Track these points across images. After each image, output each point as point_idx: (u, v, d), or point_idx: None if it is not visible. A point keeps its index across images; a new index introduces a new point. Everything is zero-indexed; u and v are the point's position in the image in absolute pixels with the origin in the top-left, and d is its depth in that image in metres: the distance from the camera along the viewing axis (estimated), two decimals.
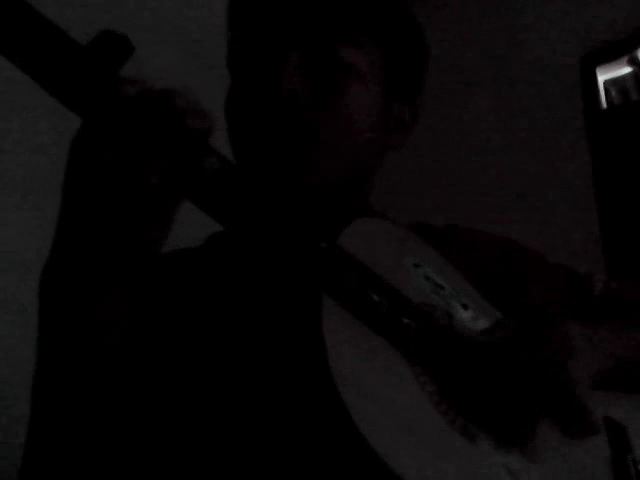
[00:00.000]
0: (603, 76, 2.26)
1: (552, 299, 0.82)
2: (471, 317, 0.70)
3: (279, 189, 0.66)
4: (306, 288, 0.61)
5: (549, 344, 0.64)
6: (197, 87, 0.57)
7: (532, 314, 0.71)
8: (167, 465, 0.66)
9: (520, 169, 2.28)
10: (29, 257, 1.30)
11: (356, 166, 0.76)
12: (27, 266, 1.29)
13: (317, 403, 0.59)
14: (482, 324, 0.70)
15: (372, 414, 0.56)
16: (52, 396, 0.59)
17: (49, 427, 0.60)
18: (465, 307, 0.71)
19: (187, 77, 0.91)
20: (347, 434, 0.54)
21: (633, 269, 1.94)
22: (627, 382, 0.72)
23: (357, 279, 0.63)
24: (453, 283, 0.73)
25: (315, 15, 0.74)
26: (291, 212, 0.60)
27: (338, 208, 0.75)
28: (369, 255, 0.65)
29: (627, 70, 2.24)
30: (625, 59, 2.23)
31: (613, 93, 2.25)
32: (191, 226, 0.73)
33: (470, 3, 2.51)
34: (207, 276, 0.76)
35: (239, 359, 0.67)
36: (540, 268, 0.85)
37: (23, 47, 0.49)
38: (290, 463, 0.62)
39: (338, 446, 0.56)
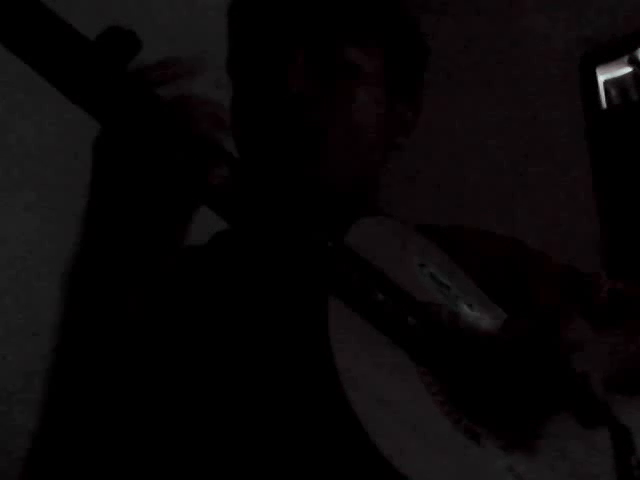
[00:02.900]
0: (603, 76, 2.26)
1: (555, 300, 0.82)
2: (477, 317, 0.70)
3: (286, 189, 0.66)
4: (312, 287, 0.61)
5: (557, 339, 0.63)
6: (198, 88, 0.57)
7: (535, 314, 0.70)
8: (167, 464, 0.65)
9: (520, 169, 2.28)
10: (29, 257, 1.30)
11: (362, 165, 0.77)
12: (27, 266, 1.29)
13: (322, 403, 0.58)
14: (487, 324, 0.70)
15: (377, 414, 0.56)
16: (66, 393, 0.59)
17: (59, 423, 0.60)
18: (471, 307, 0.71)
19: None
20: (352, 434, 0.53)
21: (633, 269, 1.94)
22: (632, 384, 0.72)
23: (363, 278, 0.63)
24: (458, 283, 0.73)
25: (318, 16, 0.75)
26: (298, 212, 0.60)
27: (344, 207, 0.75)
28: (375, 254, 0.65)
29: (627, 70, 2.24)
30: (625, 59, 2.23)
31: (613, 93, 2.25)
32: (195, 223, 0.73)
33: (470, 3, 2.51)
34: (212, 275, 0.76)
35: (244, 359, 0.67)
36: (544, 269, 0.85)
37: (31, 41, 0.49)
38: (295, 463, 0.62)
39: (343, 446, 0.56)
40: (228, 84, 0.81)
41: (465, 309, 0.70)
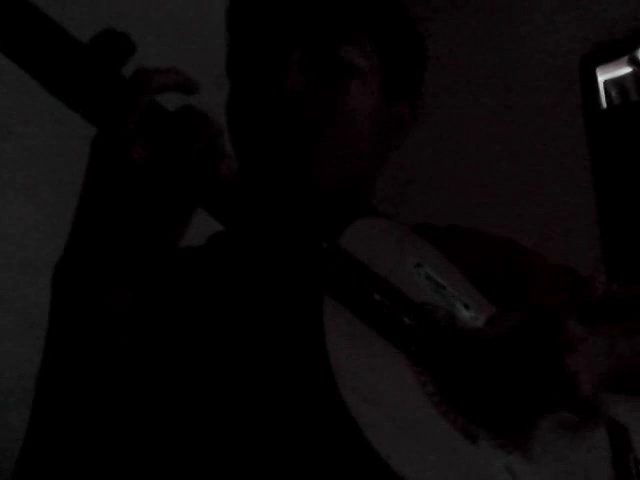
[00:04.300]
0: (603, 76, 2.25)
1: (552, 300, 0.81)
2: (473, 317, 0.70)
3: (282, 189, 0.66)
4: (307, 288, 0.61)
5: (551, 341, 0.63)
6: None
7: (532, 313, 0.70)
8: (165, 465, 0.66)
9: (520, 169, 2.27)
10: (30, 257, 1.30)
11: (358, 165, 0.77)
12: (28, 266, 1.29)
13: (319, 404, 0.58)
14: (483, 324, 0.70)
15: (374, 415, 0.56)
16: (56, 391, 0.59)
17: (50, 423, 0.60)
18: (467, 307, 0.71)
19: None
20: (349, 435, 0.54)
21: (633, 269, 1.94)
22: (629, 383, 0.72)
23: (358, 279, 0.63)
24: (455, 283, 0.73)
25: (315, 15, 0.75)
26: (293, 212, 0.60)
27: (340, 208, 0.75)
28: (370, 255, 0.65)
29: (627, 70, 2.24)
30: (625, 59, 2.23)
31: (613, 93, 2.25)
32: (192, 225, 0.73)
33: (470, 3, 2.51)
34: (209, 276, 0.77)
35: (240, 360, 0.67)
36: (541, 269, 0.85)
37: (25, 45, 0.49)
38: (292, 465, 0.62)
39: (340, 448, 0.56)
40: (228, 85, 0.81)
41: (461, 309, 0.70)
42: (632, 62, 2.22)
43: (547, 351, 0.63)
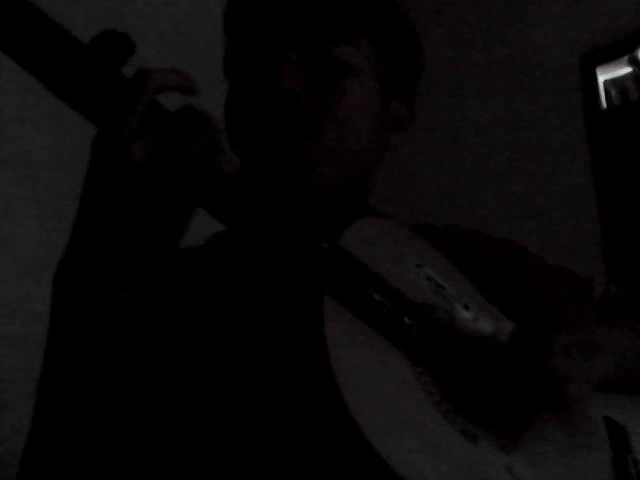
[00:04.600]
0: (603, 76, 2.26)
1: (552, 301, 0.81)
2: (472, 318, 0.70)
3: (281, 189, 0.66)
4: (308, 288, 0.61)
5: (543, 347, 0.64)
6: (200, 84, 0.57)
7: (533, 314, 0.70)
8: (166, 464, 0.66)
9: (520, 169, 2.28)
10: (30, 257, 1.30)
11: (357, 165, 0.77)
12: (28, 267, 1.29)
13: (319, 404, 0.59)
14: (483, 325, 0.70)
15: (374, 414, 0.56)
16: (58, 391, 0.59)
17: (52, 423, 0.60)
18: (466, 308, 0.71)
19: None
20: (349, 435, 0.54)
21: (633, 270, 1.94)
22: (629, 383, 0.72)
23: (359, 279, 0.63)
24: (454, 283, 0.73)
25: (312, 14, 0.75)
26: (293, 212, 0.60)
27: (339, 208, 0.75)
28: (371, 255, 0.65)
29: (627, 70, 2.24)
30: (625, 59, 2.24)
31: (613, 93, 2.25)
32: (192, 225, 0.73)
33: (470, 3, 2.51)
34: (209, 276, 0.77)
35: (240, 360, 0.67)
36: (540, 270, 0.85)
37: (26, 44, 0.49)
38: (291, 463, 0.62)
39: (340, 447, 0.56)
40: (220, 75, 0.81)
41: (461, 309, 0.70)
42: (632, 62, 2.23)
43: (538, 356, 0.64)
